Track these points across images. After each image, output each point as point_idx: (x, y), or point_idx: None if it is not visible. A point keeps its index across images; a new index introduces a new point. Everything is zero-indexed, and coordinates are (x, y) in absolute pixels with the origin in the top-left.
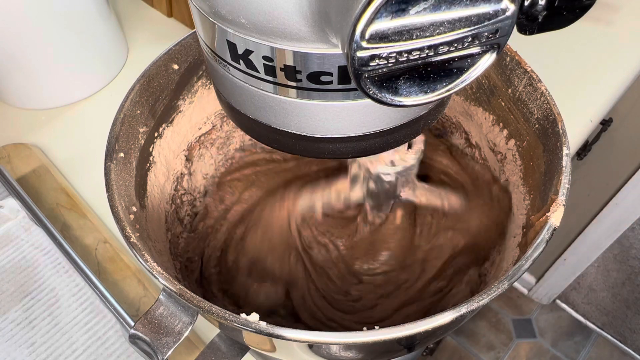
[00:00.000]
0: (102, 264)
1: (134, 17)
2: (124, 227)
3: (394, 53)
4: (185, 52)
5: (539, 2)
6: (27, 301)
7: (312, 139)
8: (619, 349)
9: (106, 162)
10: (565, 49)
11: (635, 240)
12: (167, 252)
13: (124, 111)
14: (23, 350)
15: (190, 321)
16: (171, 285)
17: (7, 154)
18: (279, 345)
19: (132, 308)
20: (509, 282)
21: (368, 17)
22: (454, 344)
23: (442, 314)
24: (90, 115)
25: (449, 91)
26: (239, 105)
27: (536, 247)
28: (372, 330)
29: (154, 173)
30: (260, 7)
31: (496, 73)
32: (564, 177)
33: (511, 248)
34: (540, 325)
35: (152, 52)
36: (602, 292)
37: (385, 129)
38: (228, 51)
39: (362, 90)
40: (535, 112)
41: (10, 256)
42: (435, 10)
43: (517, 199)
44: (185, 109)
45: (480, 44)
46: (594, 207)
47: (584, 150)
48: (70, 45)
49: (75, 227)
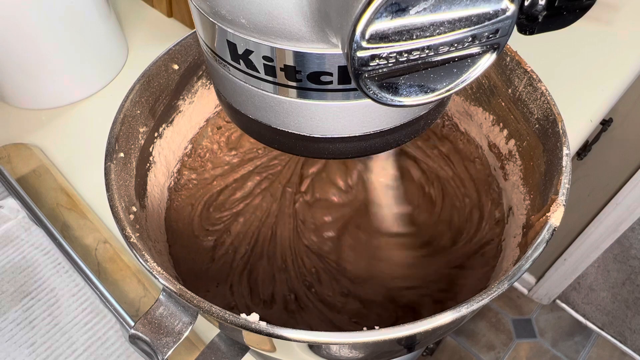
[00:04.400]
0: (102, 264)
1: (134, 17)
2: (124, 227)
3: (394, 53)
4: (185, 52)
5: (539, 2)
6: (27, 301)
7: (312, 139)
8: (619, 349)
9: (106, 162)
10: (565, 49)
11: (635, 240)
12: (167, 252)
13: (124, 111)
14: (23, 350)
15: (190, 321)
16: (171, 285)
17: (7, 154)
18: (279, 345)
19: (132, 308)
20: (509, 282)
21: (368, 17)
22: (454, 344)
23: (442, 314)
24: (90, 115)
25: (449, 91)
26: (239, 106)
27: (536, 247)
28: (372, 330)
29: (154, 173)
30: (261, 7)
31: (496, 73)
32: (564, 177)
33: (511, 248)
34: (540, 325)
35: (152, 52)
36: (602, 292)
37: (386, 128)
38: (228, 51)
39: (362, 90)
40: (535, 112)
41: (10, 256)
42: (435, 11)
43: (517, 199)
44: (185, 109)
45: (480, 44)
46: (594, 207)
47: (584, 150)
48: (70, 45)
49: (75, 227)
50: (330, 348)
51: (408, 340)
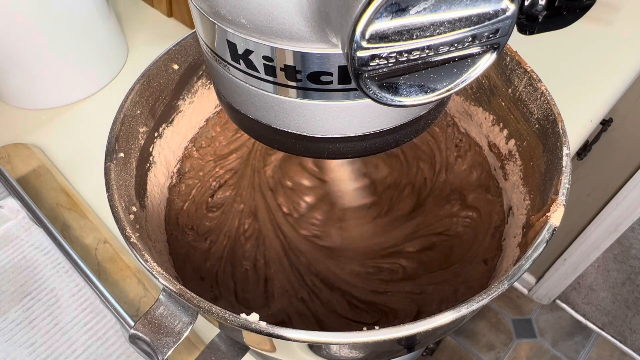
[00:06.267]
0: (102, 264)
1: (134, 17)
2: (124, 227)
3: (394, 53)
4: (185, 52)
5: (539, 2)
6: (27, 301)
7: (312, 139)
8: (619, 349)
9: (106, 162)
10: (565, 49)
11: (635, 240)
12: (167, 252)
13: (124, 111)
14: (23, 350)
15: (190, 321)
16: (171, 285)
17: (7, 154)
18: (279, 345)
19: (132, 308)
20: (509, 282)
21: (368, 17)
22: (454, 344)
23: (442, 314)
24: (90, 115)
25: (449, 91)
26: (239, 106)
27: (536, 247)
28: (372, 330)
29: (154, 173)
30: (261, 7)
31: (496, 73)
32: (564, 177)
33: (511, 248)
34: (540, 325)
35: (152, 52)
36: (602, 292)
37: (386, 128)
38: (228, 51)
39: (362, 90)
40: (535, 112)
41: (10, 256)
42: (435, 10)
43: (517, 199)
44: (185, 109)
45: (480, 44)
46: (594, 207)
47: (584, 150)
48: (70, 46)
49: (75, 227)
50: (330, 348)
51: (408, 340)
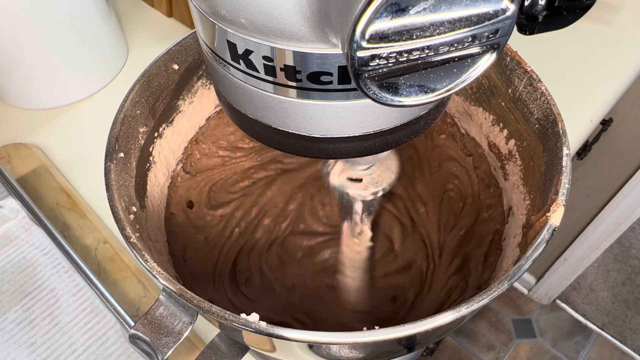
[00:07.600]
0: (102, 264)
1: (134, 17)
2: (124, 227)
3: (394, 53)
4: (185, 52)
5: (539, 2)
6: (27, 301)
7: (312, 139)
8: (619, 349)
9: (106, 162)
10: (565, 49)
11: (635, 240)
12: (167, 252)
13: (124, 111)
14: (23, 350)
15: (190, 321)
16: (171, 285)
17: (7, 154)
18: (279, 345)
19: (132, 308)
20: (509, 282)
21: (368, 17)
22: (454, 344)
23: (442, 314)
24: (90, 115)
25: (449, 91)
26: (239, 106)
27: (536, 247)
28: (372, 330)
29: (154, 173)
30: (261, 7)
31: (496, 73)
32: (564, 177)
33: (511, 248)
34: (540, 325)
35: (152, 52)
36: (602, 292)
37: (386, 128)
38: (228, 51)
39: (362, 90)
40: (535, 112)
41: (10, 256)
42: (435, 10)
43: (517, 199)
44: (185, 109)
45: (480, 44)
46: (594, 207)
47: (584, 150)
48: (70, 45)
49: (75, 227)
50: (330, 348)
51: (408, 340)
